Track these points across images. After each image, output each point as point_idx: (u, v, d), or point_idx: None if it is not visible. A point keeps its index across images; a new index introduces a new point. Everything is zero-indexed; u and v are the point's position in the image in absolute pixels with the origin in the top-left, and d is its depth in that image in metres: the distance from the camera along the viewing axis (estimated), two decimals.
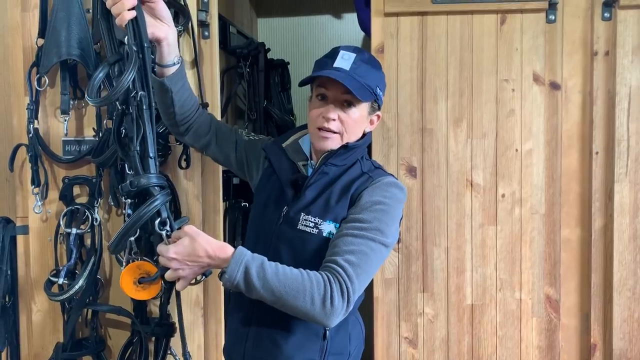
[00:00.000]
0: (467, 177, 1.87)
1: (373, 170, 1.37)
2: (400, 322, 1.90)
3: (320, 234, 1.29)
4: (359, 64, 1.30)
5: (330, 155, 1.34)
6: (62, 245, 1.77)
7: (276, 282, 1.16)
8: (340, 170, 1.35)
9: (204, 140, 1.56)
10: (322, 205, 1.31)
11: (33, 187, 1.76)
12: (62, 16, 1.66)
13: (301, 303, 1.16)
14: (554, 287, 1.87)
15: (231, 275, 1.17)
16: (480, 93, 1.86)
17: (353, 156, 1.36)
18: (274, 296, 1.17)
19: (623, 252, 1.82)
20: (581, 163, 1.85)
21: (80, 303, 1.72)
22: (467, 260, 1.88)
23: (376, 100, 1.35)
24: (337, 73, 1.28)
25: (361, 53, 1.34)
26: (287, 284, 1.16)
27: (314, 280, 1.17)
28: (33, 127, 1.73)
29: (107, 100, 1.33)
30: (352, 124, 1.33)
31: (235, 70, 2.46)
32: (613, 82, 1.81)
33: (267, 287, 1.16)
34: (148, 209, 1.23)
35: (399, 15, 1.85)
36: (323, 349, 1.33)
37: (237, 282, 1.17)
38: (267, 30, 3.15)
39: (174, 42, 1.38)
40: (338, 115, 1.31)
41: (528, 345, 1.88)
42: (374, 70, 1.34)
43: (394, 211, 1.30)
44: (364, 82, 1.30)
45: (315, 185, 1.34)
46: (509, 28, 1.85)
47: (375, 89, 1.32)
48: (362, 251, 1.22)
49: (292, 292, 1.16)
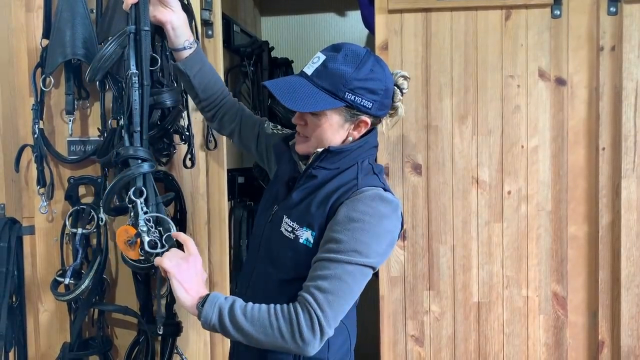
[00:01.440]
0: (472, 174, 1.86)
1: (365, 176, 1.26)
2: (407, 320, 1.89)
3: (297, 239, 1.24)
4: (324, 68, 1.21)
5: (318, 157, 1.27)
6: (68, 245, 1.78)
7: (245, 323, 1.15)
8: (331, 174, 1.26)
9: (229, 129, 1.58)
10: (303, 210, 1.25)
11: (39, 187, 1.77)
12: (67, 16, 1.66)
13: (272, 339, 1.15)
14: (561, 284, 1.86)
15: (206, 316, 1.17)
16: (485, 89, 1.85)
17: (347, 159, 1.26)
18: (246, 337, 1.17)
19: (631, 248, 1.80)
20: (588, 159, 1.84)
21: (86, 303, 1.72)
22: (473, 258, 1.87)
23: (351, 106, 1.21)
24: (285, 80, 1.24)
25: (337, 53, 1.23)
26: (255, 322, 1.15)
27: (279, 314, 1.15)
28: (38, 128, 1.73)
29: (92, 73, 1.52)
30: (316, 130, 1.25)
31: (239, 69, 2.46)
32: (619, 77, 1.79)
33: (239, 329, 1.16)
34: (127, 173, 1.39)
35: (403, 12, 1.85)
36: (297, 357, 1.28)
37: (214, 324, 1.18)
38: (270, 28, 3.15)
39: (179, 25, 1.44)
40: (306, 120, 1.27)
41: (535, 343, 1.87)
42: (348, 73, 1.19)
43: (375, 228, 1.18)
44: (322, 88, 1.20)
45: (302, 187, 1.28)
46: (513, 24, 1.84)
47: (343, 94, 1.19)
48: (336, 275, 1.15)
49: (261, 329, 1.15)
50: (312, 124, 1.25)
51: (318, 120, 1.24)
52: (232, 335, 1.17)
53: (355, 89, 1.20)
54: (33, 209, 1.81)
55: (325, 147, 1.26)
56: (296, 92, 1.21)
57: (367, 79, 1.21)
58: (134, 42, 1.42)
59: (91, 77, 1.54)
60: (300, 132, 1.29)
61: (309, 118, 1.26)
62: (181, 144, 1.78)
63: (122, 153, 1.42)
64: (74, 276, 1.72)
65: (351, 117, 1.24)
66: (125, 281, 1.80)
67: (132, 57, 1.41)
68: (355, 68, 1.20)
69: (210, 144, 1.80)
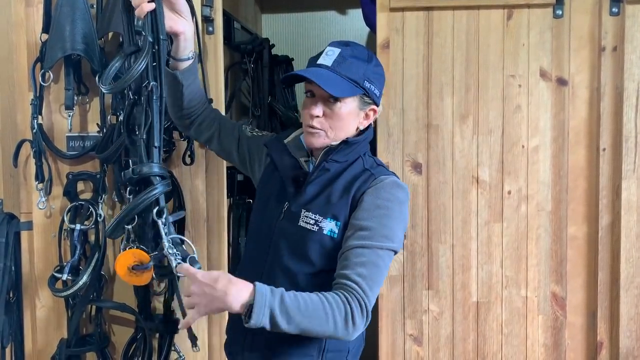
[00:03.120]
0: (472, 174, 1.86)
1: (375, 167, 1.36)
2: (405, 320, 1.89)
3: (321, 231, 1.29)
4: (343, 59, 1.29)
5: (331, 151, 1.33)
6: (66, 241, 1.77)
7: (299, 316, 1.15)
8: (342, 167, 1.34)
9: (206, 135, 1.57)
10: (324, 202, 1.31)
11: (37, 182, 1.76)
12: (66, 11, 1.66)
13: (325, 329, 1.17)
14: (560, 285, 1.86)
15: (257, 321, 1.14)
16: (486, 89, 1.84)
17: (355, 152, 1.35)
18: (299, 329, 1.16)
19: (630, 249, 1.80)
20: (588, 160, 1.84)
21: (84, 299, 1.72)
22: (472, 258, 1.86)
23: (367, 94, 1.32)
24: (314, 70, 1.28)
25: (348, 47, 1.32)
26: (310, 314, 1.16)
27: (333, 304, 1.18)
28: (37, 123, 1.73)
29: (119, 87, 1.34)
30: (337, 120, 1.31)
31: (240, 66, 2.45)
32: (621, 78, 1.79)
33: (292, 322, 1.15)
34: (147, 196, 1.25)
35: (405, 10, 1.84)
36: (321, 347, 1.33)
37: (263, 325, 1.15)
38: (271, 26, 3.14)
39: (190, 36, 1.40)
40: (323, 111, 1.30)
41: (534, 343, 1.87)
42: (362, 62, 1.31)
43: (398, 213, 1.29)
44: (346, 77, 1.28)
45: (316, 181, 1.33)
46: (515, 23, 1.83)
47: (362, 82, 1.30)
48: (372, 262, 1.23)
49: (316, 321, 1.16)
50: (334, 114, 1.30)
51: (339, 109, 1.29)
52: (283, 329, 1.16)
53: (371, 77, 1.31)
54: (31, 204, 1.81)
55: (342, 137, 1.32)
56: (329, 79, 1.26)
57: (377, 67, 1.34)
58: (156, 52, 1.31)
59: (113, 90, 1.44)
60: (317, 125, 1.31)
61: (330, 108, 1.29)
62: (180, 140, 1.77)
63: (145, 171, 1.29)
64: (71, 272, 1.72)
65: (364, 105, 1.34)
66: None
67: (150, 69, 1.29)
68: (367, 59, 1.32)
69: None
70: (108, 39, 1.76)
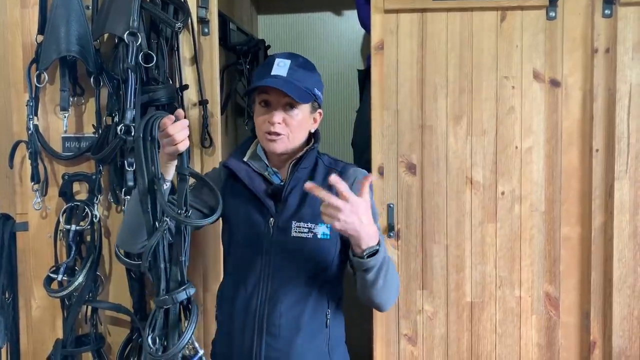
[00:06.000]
0: (466, 175, 1.87)
1: (335, 163, 1.46)
2: (400, 320, 1.90)
3: (315, 236, 1.36)
4: (295, 69, 1.37)
5: (300, 159, 1.40)
6: (61, 242, 1.78)
7: (389, 276, 1.28)
8: (309, 172, 1.42)
9: None
10: (311, 210, 1.36)
11: (33, 183, 1.76)
12: (61, 12, 1.66)
13: (393, 298, 1.35)
14: (554, 285, 1.87)
15: (376, 261, 1.24)
16: (480, 90, 1.86)
17: (313, 156, 1.44)
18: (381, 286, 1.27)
19: (623, 249, 1.81)
20: (581, 160, 1.85)
21: (79, 299, 1.72)
22: (466, 258, 1.87)
23: (316, 100, 1.41)
24: (276, 80, 1.35)
25: (295, 58, 1.40)
26: (393, 280, 1.30)
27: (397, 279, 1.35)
28: (33, 124, 1.73)
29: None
30: (296, 125, 1.38)
31: (235, 67, 2.45)
32: (613, 79, 1.80)
33: (385, 279, 1.27)
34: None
35: (399, 12, 1.85)
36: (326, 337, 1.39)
37: (376, 266, 1.24)
38: (267, 27, 3.14)
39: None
40: (283, 118, 1.37)
41: (527, 343, 1.88)
42: (309, 72, 1.41)
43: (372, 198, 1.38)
44: (301, 86, 1.36)
45: (294, 191, 1.39)
46: (509, 25, 1.84)
47: (313, 90, 1.39)
48: None
49: (393, 289, 1.32)
50: (292, 120, 1.38)
51: (296, 115, 1.38)
52: (379, 281, 1.26)
53: (317, 85, 1.41)
54: (27, 205, 1.81)
55: (299, 140, 1.40)
56: (291, 88, 1.34)
57: (319, 77, 1.45)
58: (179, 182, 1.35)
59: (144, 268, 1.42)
60: (281, 131, 1.37)
61: (288, 114, 1.37)
62: None
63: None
64: (67, 273, 1.72)
65: (313, 110, 1.43)
66: (118, 278, 1.80)
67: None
68: (313, 69, 1.43)
69: (206, 142, 1.80)
70: (103, 40, 1.76)
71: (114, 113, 1.68)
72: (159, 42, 1.71)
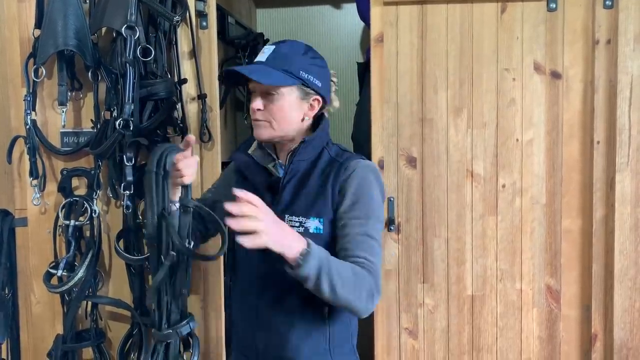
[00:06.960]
0: (467, 167, 1.86)
1: (341, 154, 1.39)
2: (401, 313, 1.90)
3: (307, 230, 1.33)
4: (278, 54, 1.33)
5: (294, 152, 1.36)
6: (61, 237, 1.77)
7: (339, 284, 1.19)
8: (309, 164, 1.37)
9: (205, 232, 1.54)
10: (303, 203, 1.34)
11: (31, 179, 1.75)
12: (59, 6, 1.65)
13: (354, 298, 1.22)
14: (555, 278, 1.87)
15: (309, 271, 1.16)
16: (480, 82, 1.85)
17: (316, 146, 1.38)
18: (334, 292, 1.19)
19: (624, 242, 1.81)
20: (582, 153, 1.84)
21: (79, 295, 1.71)
22: (467, 251, 1.87)
23: (306, 84, 1.34)
24: (248, 67, 1.34)
25: (284, 44, 1.36)
26: (346, 285, 1.20)
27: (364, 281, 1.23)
28: (31, 119, 1.72)
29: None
30: (278, 111, 1.33)
31: (234, 60, 2.44)
32: (614, 71, 1.79)
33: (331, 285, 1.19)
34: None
35: (399, 4, 1.84)
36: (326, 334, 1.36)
37: (308, 276, 1.17)
38: (265, 20, 3.13)
39: None
40: (264, 104, 1.34)
41: (528, 336, 1.88)
42: (297, 55, 1.34)
43: (376, 191, 1.34)
44: (281, 68, 1.31)
45: (289, 185, 1.36)
46: (509, 16, 1.83)
47: (298, 72, 1.32)
48: (373, 247, 1.29)
49: (351, 290, 1.21)
50: (273, 106, 1.33)
51: (277, 101, 1.33)
52: (323, 289, 1.18)
53: (307, 67, 1.34)
54: (26, 200, 1.80)
55: (288, 128, 1.35)
56: (261, 72, 1.31)
57: (314, 59, 1.36)
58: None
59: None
60: (260, 117, 1.35)
61: (269, 100, 1.33)
62: (175, 136, 1.77)
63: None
64: (67, 268, 1.72)
65: (305, 95, 1.35)
66: (118, 273, 1.79)
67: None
68: (303, 52, 1.36)
69: (205, 136, 1.79)
70: (101, 34, 1.75)
71: (113, 107, 1.67)
72: (157, 35, 1.70)
